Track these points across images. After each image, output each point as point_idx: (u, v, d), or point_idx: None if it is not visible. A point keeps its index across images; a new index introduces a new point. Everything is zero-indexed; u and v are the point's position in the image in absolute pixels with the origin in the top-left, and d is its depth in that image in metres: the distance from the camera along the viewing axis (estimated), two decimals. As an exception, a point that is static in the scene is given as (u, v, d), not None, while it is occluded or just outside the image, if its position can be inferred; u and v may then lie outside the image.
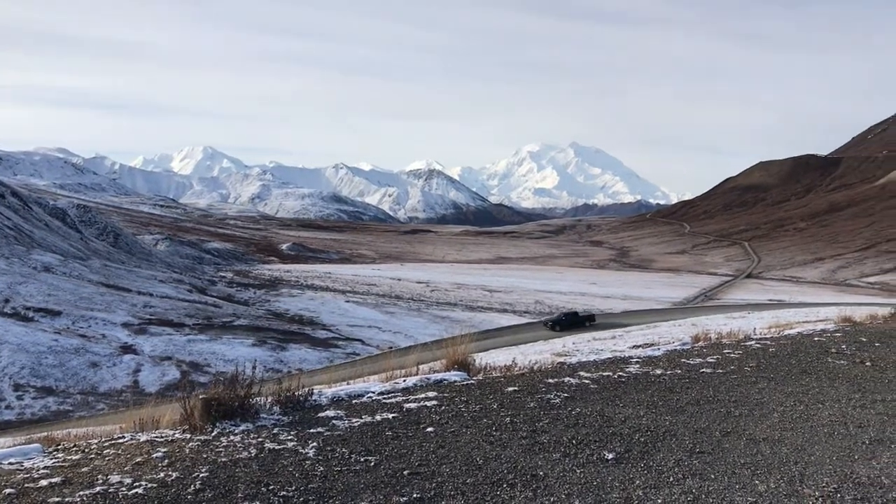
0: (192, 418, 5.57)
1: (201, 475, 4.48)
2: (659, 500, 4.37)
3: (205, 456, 4.85)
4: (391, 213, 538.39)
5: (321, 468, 4.67)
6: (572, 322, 41.65)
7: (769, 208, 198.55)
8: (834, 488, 4.67)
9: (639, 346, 12.38)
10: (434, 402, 6.38)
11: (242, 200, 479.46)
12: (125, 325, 49.79)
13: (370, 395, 6.68)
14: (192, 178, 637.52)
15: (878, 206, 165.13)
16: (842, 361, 9.33)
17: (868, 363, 9.25)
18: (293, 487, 4.35)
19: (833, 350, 10.19)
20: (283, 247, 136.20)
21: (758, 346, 10.41)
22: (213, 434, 5.36)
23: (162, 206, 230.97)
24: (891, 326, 13.20)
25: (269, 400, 6.11)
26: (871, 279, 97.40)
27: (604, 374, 7.95)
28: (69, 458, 4.89)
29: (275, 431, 5.44)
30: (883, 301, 50.27)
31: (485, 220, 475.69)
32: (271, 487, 4.34)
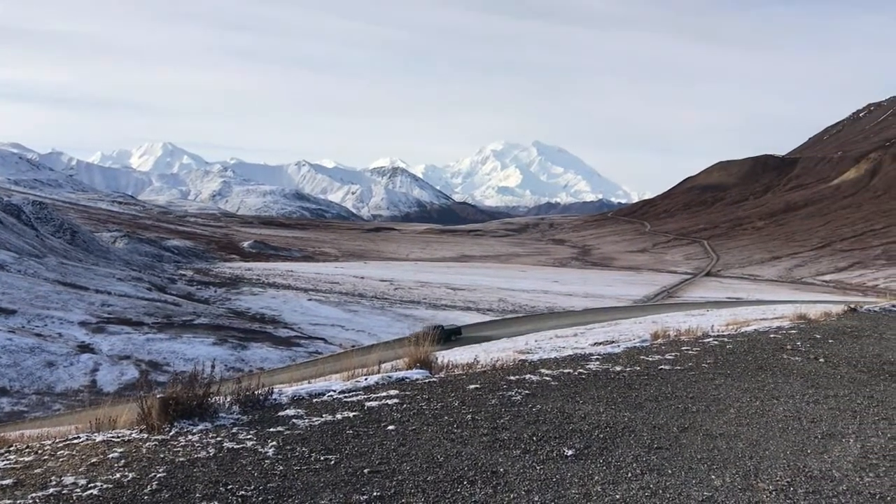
0: (150, 418, 5.48)
1: (158, 475, 4.42)
2: (617, 496, 4.42)
3: (162, 456, 4.78)
4: (354, 211, 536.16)
5: (281, 467, 4.64)
6: (438, 337, 39.47)
7: (728, 207, 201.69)
8: (787, 482, 4.77)
9: (600, 344, 12.49)
10: (395, 401, 6.38)
11: (203, 197, 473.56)
12: (82, 323, 48.90)
13: (331, 393, 6.65)
14: (152, 175, 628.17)
15: (832, 205, 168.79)
16: (796, 358, 9.52)
17: (822, 359, 9.46)
18: (252, 487, 4.31)
19: (788, 347, 10.39)
20: (245, 244, 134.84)
21: (715, 343, 10.57)
22: (170, 434, 5.29)
23: (120, 202, 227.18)
24: (844, 324, 13.50)
25: (229, 399, 6.04)
26: (826, 277, 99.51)
27: (564, 371, 8.01)
28: (21, 459, 4.78)
29: (234, 431, 5.39)
30: (837, 299, 51.37)
31: (449, 219, 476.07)
32: (230, 487, 4.29)
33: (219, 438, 5.17)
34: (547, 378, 7.56)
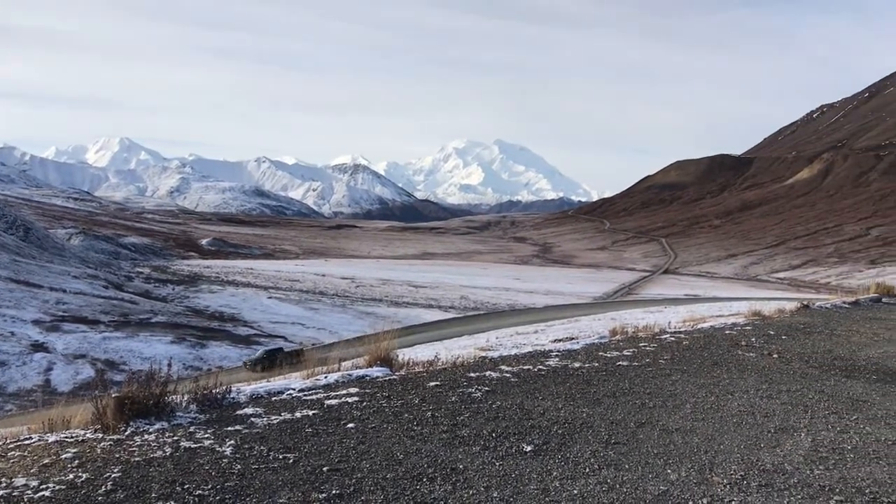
0: (105, 417, 5.40)
1: (113, 475, 4.36)
2: (575, 491, 4.46)
3: (117, 456, 4.71)
4: (316, 208, 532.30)
5: (238, 466, 4.60)
6: (274, 361, 34.37)
7: (685, 206, 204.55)
8: (741, 475, 4.86)
9: (560, 340, 12.59)
10: (355, 398, 6.36)
11: (161, 194, 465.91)
12: (36, 322, 47.83)
13: (290, 391, 6.61)
14: (108, 171, 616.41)
15: (787, 204, 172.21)
16: (751, 354, 9.70)
17: (775, 355, 9.65)
18: (209, 486, 4.27)
19: (743, 343, 10.59)
20: (203, 242, 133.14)
21: (672, 339, 10.73)
22: (126, 433, 5.22)
23: (76, 199, 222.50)
24: (797, 320, 13.79)
25: (186, 398, 5.98)
26: (781, 275, 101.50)
27: (524, 367, 8.06)
28: (-29, 461, 4.68)
29: (191, 430, 5.33)
30: (791, 296, 52.41)
31: (411, 216, 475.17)
32: (186, 487, 4.25)
33: (175, 438, 5.11)
34: (507, 375, 7.61)
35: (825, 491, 4.66)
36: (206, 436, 5.19)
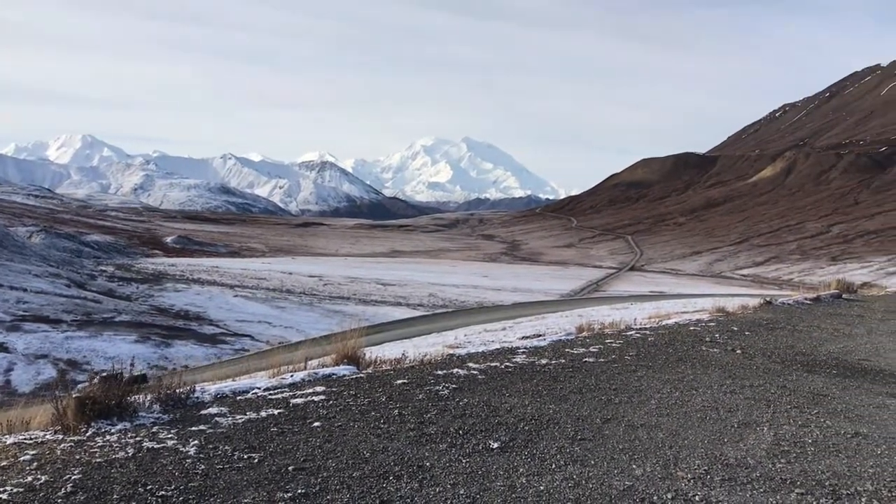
0: (65, 418, 5.30)
1: (73, 477, 4.28)
2: (541, 487, 4.48)
3: (78, 457, 4.63)
4: (282, 206, 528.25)
5: (202, 466, 4.55)
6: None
7: (651, 204, 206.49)
8: (705, 470, 4.92)
9: (527, 337, 12.63)
10: (322, 397, 6.33)
11: (124, 191, 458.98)
12: (-5, 322, 46.84)
13: (256, 391, 6.55)
14: (70, 168, 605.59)
15: (750, 202, 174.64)
16: (715, 350, 9.83)
17: (738, 351, 9.79)
18: (172, 487, 4.22)
19: (707, 339, 10.72)
20: (168, 240, 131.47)
21: (638, 335, 10.82)
22: (87, 434, 5.13)
23: (37, 196, 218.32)
24: (760, 316, 14.00)
25: (149, 398, 5.90)
26: (745, 271, 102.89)
27: (492, 364, 8.08)
28: (-75, 464, 4.56)
29: (154, 430, 5.26)
30: (754, 292, 53.21)
31: (379, 214, 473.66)
32: (149, 487, 4.19)
33: (138, 438, 5.04)
34: (474, 372, 7.62)
35: (787, 484, 4.74)
36: (169, 436, 5.13)
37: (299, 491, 4.25)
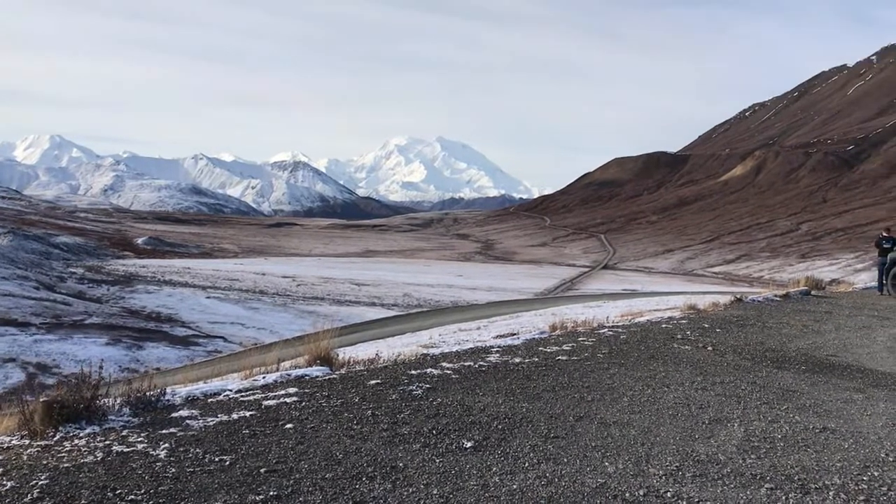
0: (32, 423, 5.22)
1: (40, 483, 4.21)
2: (514, 486, 4.49)
3: (45, 462, 4.56)
4: (255, 206, 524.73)
5: (173, 469, 4.50)
6: None
7: (623, 202, 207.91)
8: (676, 466, 4.96)
9: (502, 336, 12.66)
10: (294, 398, 6.29)
11: (94, 192, 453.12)
12: (-39, 325, 46.01)
13: (227, 392, 6.49)
14: (38, 169, 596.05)
15: (721, 200, 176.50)
16: (686, 347, 9.92)
17: (710, 348, 9.88)
18: (142, 491, 4.17)
19: (679, 336, 10.81)
20: (139, 241, 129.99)
21: (610, 333, 10.89)
22: (55, 439, 5.05)
23: (4, 197, 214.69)
24: (731, 313, 14.15)
25: (119, 401, 5.82)
26: (716, 269, 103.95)
27: (465, 363, 8.09)
28: None
29: (123, 434, 5.19)
30: (725, 289, 53.76)
31: (353, 213, 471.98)
32: (118, 492, 4.14)
33: (107, 442, 4.97)
34: (448, 371, 7.62)
35: (756, 479, 4.79)
36: (139, 439, 5.06)
37: (271, 493, 4.22)
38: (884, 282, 20.05)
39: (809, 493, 4.62)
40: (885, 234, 21.59)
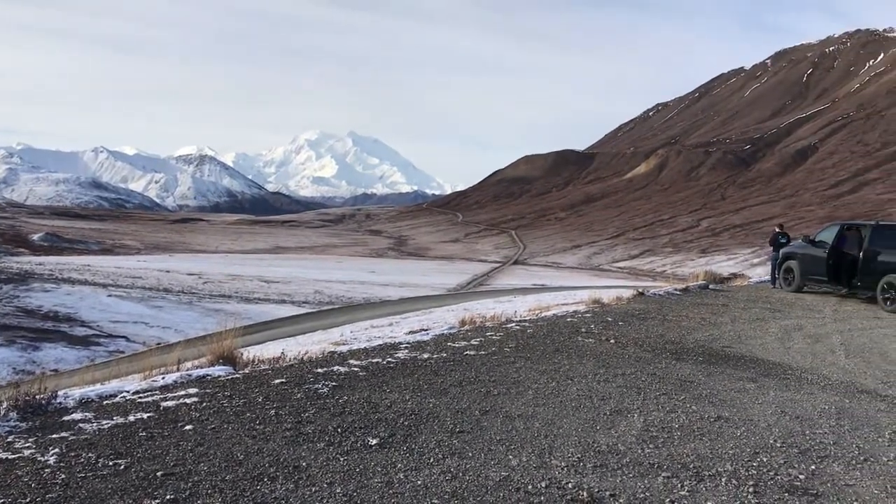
0: None
1: (-86, 496, 3.97)
2: (419, 482, 4.49)
3: (-80, 473, 4.29)
4: (159, 201, 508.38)
5: (62, 475, 4.31)
6: None
7: (533, 199, 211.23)
8: (578, 458, 5.07)
9: (413, 332, 12.66)
10: (195, 399, 6.12)
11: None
12: None
13: (124, 394, 6.26)
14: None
15: (626, 197, 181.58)
16: (590, 340, 10.15)
17: (612, 341, 10.14)
18: (28, 499, 3.97)
19: (583, 330, 11.05)
20: (35, 237, 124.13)
21: (518, 327, 11.04)
22: (-68, 448, 4.76)
23: None
24: (633, 307, 14.56)
25: (5, 405, 5.54)
26: (621, 264, 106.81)
27: (373, 360, 8.05)
28: None
29: (10, 440, 4.94)
30: (630, 283, 55.33)
31: (262, 209, 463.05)
32: (2, 501, 3.93)
33: (-9, 449, 4.72)
34: (355, 368, 7.57)
35: (654, 468, 4.94)
36: (26, 445, 4.83)
37: (168, 497, 4.10)
38: (776, 276, 21.01)
39: (703, 480, 4.79)
40: (778, 229, 22.65)
